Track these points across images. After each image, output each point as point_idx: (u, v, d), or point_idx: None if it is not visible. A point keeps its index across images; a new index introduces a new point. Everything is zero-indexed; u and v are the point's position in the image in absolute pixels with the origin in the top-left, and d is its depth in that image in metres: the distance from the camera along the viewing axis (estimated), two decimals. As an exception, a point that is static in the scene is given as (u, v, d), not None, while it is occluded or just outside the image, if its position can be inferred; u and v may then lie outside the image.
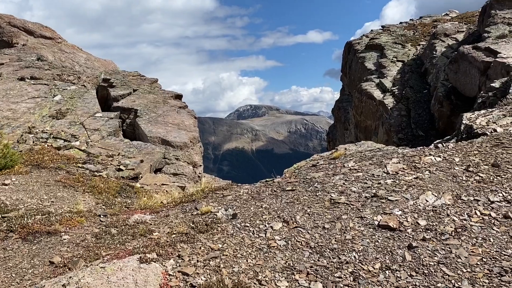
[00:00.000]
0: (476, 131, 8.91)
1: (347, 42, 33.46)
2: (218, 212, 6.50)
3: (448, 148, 7.96)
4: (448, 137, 11.89)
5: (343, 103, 32.23)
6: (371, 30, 32.73)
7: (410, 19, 32.25)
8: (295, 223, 5.96)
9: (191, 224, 6.19)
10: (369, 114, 25.60)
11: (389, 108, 22.96)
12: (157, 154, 11.73)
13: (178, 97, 17.66)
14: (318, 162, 8.62)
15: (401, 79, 24.79)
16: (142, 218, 6.77)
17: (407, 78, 24.67)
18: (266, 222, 6.04)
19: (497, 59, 14.40)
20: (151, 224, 6.48)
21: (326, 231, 5.73)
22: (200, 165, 12.44)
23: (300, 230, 5.79)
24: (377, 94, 24.74)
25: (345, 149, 9.07)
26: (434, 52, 23.25)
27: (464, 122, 9.96)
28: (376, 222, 5.75)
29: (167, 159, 11.82)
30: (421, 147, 8.39)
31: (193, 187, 11.12)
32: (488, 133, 8.40)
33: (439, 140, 11.64)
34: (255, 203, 6.78)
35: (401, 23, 32.12)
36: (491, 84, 12.93)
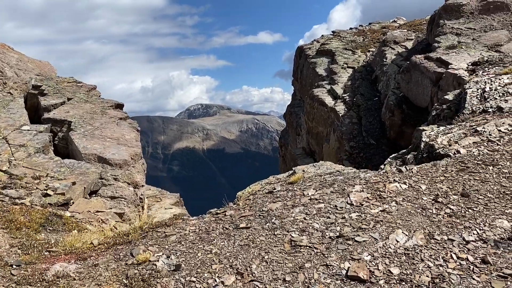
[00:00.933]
0: (438, 151, 8.47)
1: (299, 47, 33.15)
2: (158, 261, 5.43)
3: (412, 172, 7.42)
4: (404, 151, 11.49)
5: (295, 108, 31.85)
6: (322, 35, 32.63)
7: (359, 25, 32.48)
8: (251, 275, 5.04)
9: (124, 280, 5.08)
10: (320, 121, 25.31)
11: (340, 115, 22.74)
12: (92, 174, 10.36)
13: (119, 106, 16.10)
14: (275, 188, 7.77)
15: (352, 86, 24.70)
16: (65, 269, 5.56)
17: (358, 85, 24.62)
18: (216, 275, 5.07)
19: (448, 70, 14.36)
20: (75, 279, 5.29)
21: (287, 285, 4.86)
22: (143, 185, 11.19)
23: (257, 285, 4.88)
24: (329, 100, 24.49)
25: (303, 171, 8.30)
26: (384, 60, 23.33)
27: (424, 139, 9.54)
28: (344, 272, 4.97)
29: (104, 180, 10.47)
30: (384, 172, 7.77)
31: (133, 213, 9.91)
32: (452, 155, 7.96)
33: (395, 155, 11.21)
34: (204, 246, 5.78)
35: (351, 28, 32.26)
36: (445, 97, 12.75)
